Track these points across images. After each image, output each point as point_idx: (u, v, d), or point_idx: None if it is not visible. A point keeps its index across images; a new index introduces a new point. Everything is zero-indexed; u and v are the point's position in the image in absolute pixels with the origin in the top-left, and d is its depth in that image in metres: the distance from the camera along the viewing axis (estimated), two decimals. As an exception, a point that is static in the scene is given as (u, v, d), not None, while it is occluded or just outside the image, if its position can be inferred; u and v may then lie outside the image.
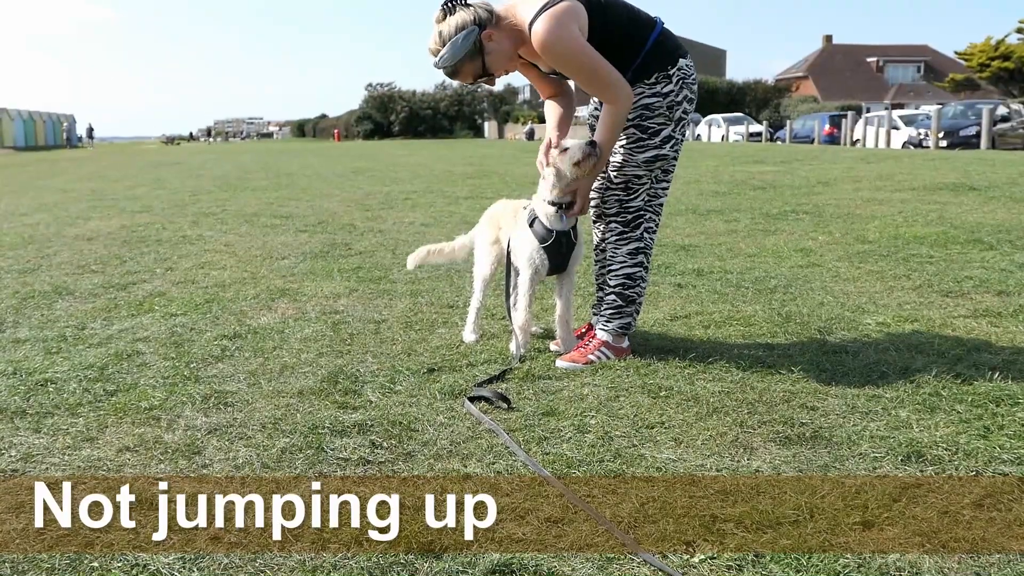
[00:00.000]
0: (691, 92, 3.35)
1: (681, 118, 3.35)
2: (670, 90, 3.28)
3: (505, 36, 3.25)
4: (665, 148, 3.33)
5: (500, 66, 3.31)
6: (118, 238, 7.28)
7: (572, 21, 3.12)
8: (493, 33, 3.22)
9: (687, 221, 7.77)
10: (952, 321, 3.93)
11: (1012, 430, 2.58)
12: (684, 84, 3.32)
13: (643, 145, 3.31)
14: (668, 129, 3.32)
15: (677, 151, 3.40)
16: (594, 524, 2.06)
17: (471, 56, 3.22)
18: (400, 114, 71.22)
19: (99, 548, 1.98)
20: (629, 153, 3.33)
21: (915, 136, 27.35)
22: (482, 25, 3.20)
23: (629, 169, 3.34)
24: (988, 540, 1.96)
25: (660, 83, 3.28)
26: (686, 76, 3.32)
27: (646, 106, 3.29)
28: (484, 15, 3.21)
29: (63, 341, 3.81)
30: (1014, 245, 5.94)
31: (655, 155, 3.33)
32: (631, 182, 3.36)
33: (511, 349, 3.50)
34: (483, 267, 3.73)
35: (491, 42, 3.23)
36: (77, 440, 2.64)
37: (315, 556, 1.94)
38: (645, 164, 3.33)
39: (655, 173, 3.38)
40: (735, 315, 4.08)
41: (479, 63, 3.26)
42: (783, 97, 57.30)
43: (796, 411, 2.79)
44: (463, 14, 3.20)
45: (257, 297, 4.70)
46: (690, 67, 3.36)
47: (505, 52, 3.27)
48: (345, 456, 2.49)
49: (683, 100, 3.32)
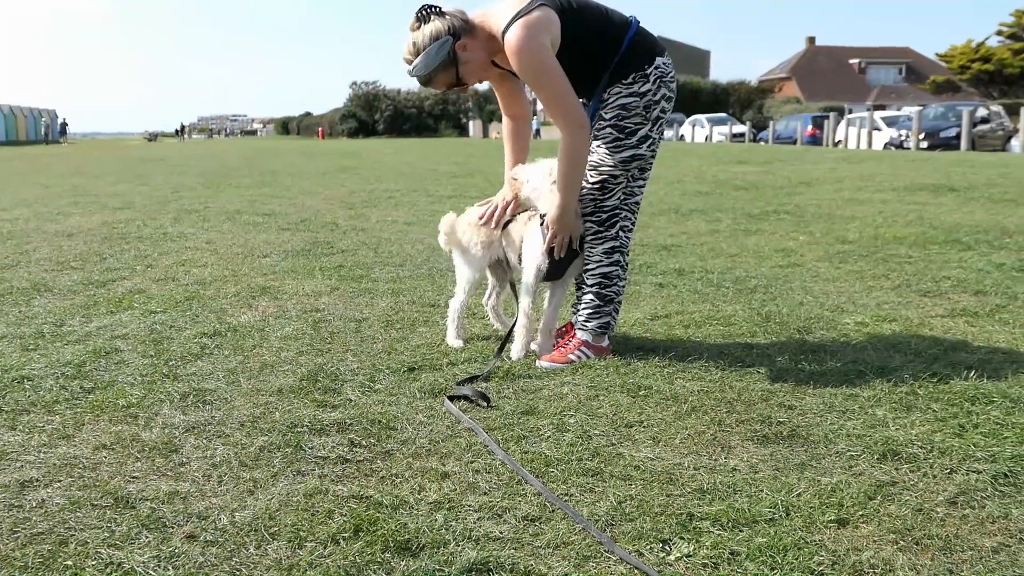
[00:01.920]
0: (669, 91, 3.34)
1: (659, 117, 3.34)
2: (647, 89, 3.28)
3: (479, 45, 3.25)
4: (642, 148, 3.33)
5: (474, 76, 3.34)
6: (98, 234, 7.23)
7: (544, 31, 3.12)
8: (468, 43, 3.23)
9: (669, 221, 7.80)
10: (930, 321, 3.96)
11: (986, 428, 2.61)
12: (662, 83, 3.31)
13: (620, 145, 3.31)
14: (645, 128, 3.32)
15: (654, 150, 3.40)
16: (571, 522, 2.06)
17: (445, 66, 3.23)
18: (385, 112, 71.07)
19: (73, 546, 1.96)
20: (606, 153, 3.33)
21: (896, 137, 27.56)
22: (456, 35, 3.20)
23: (605, 169, 3.33)
24: (961, 537, 1.97)
25: (637, 82, 3.27)
26: (663, 75, 3.31)
27: (623, 106, 3.29)
28: (459, 24, 3.21)
29: (40, 338, 3.78)
30: (991, 245, 6.00)
31: (632, 155, 3.32)
32: (607, 182, 3.35)
33: (512, 352, 3.47)
34: (472, 269, 3.65)
35: (465, 52, 3.23)
36: (53, 438, 2.62)
37: (291, 554, 1.93)
38: (622, 164, 3.33)
39: (631, 172, 3.37)
40: (715, 315, 4.10)
41: (453, 73, 3.26)
42: (766, 98, 57.59)
43: (774, 410, 2.81)
44: (437, 23, 3.19)
45: (238, 295, 4.68)
46: (668, 65, 3.34)
47: (479, 62, 3.28)
48: (324, 454, 2.49)
49: (661, 99, 3.32)
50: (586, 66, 3.26)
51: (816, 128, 34.60)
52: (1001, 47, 45.08)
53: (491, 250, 3.60)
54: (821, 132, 33.86)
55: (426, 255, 5.99)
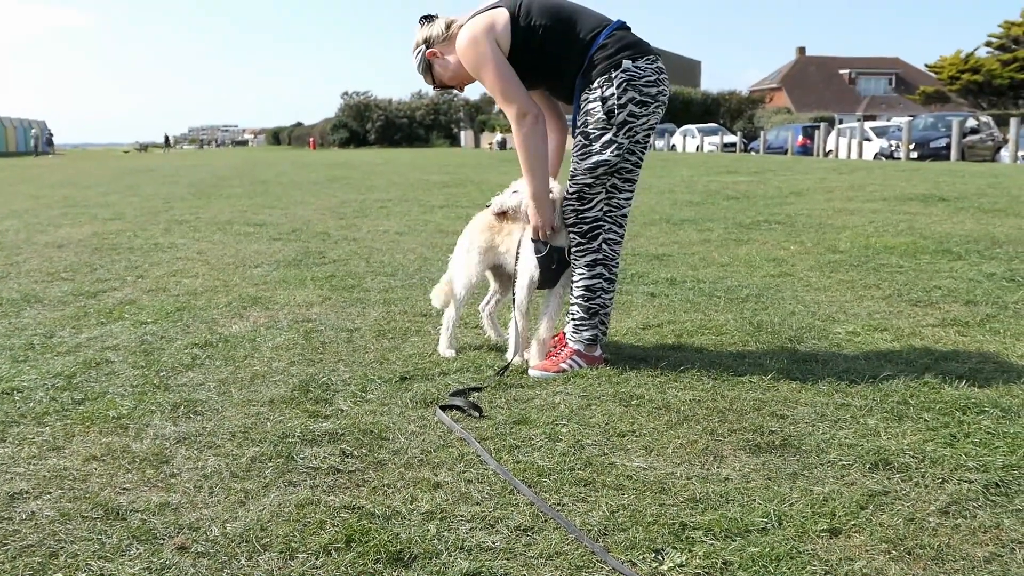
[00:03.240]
0: (640, 95, 3.23)
1: (627, 122, 3.24)
2: (611, 93, 3.21)
3: (451, 52, 3.42)
4: (606, 153, 3.26)
5: (449, 80, 3.50)
6: (89, 245, 7.21)
7: (487, 30, 3.25)
8: (439, 50, 3.43)
9: (661, 231, 7.81)
10: (921, 330, 3.98)
11: (978, 438, 2.61)
12: (629, 86, 3.21)
13: (586, 151, 3.30)
14: (609, 134, 3.25)
15: (622, 156, 3.29)
16: (564, 532, 2.06)
17: (424, 71, 3.50)
18: (376, 123, 71.11)
19: (63, 558, 1.95)
20: (576, 160, 3.34)
21: (886, 147, 27.70)
22: (429, 43, 3.43)
23: (579, 177, 3.33)
24: (953, 547, 1.97)
25: (601, 87, 3.23)
26: (633, 78, 3.21)
27: (588, 111, 3.27)
28: (435, 33, 3.43)
29: (30, 349, 3.76)
30: (982, 255, 6.02)
31: (596, 161, 3.28)
32: (582, 191, 3.33)
33: (510, 358, 3.48)
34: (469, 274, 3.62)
35: (436, 59, 3.45)
36: (43, 449, 2.61)
37: (283, 566, 1.92)
38: (588, 171, 3.30)
39: (607, 181, 3.33)
40: (707, 324, 4.10)
41: (430, 76, 3.51)
42: (757, 108, 57.78)
43: (766, 419, 2.81)
44: (422, 31, 3.45)
45: (229, 305, 4.67)
46: (642, 69, 3.23)
47: (451, 67, 3.45)
48: (315, 465, 2.48)
49: (628, 103, 3.22)
50: (555, 71, 3.30)
51: (807, 138, 34.77)
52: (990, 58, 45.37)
53: (489, 255, 3.60)
54: (811, 142, 34.02)
55: (418, 265, 5.99)
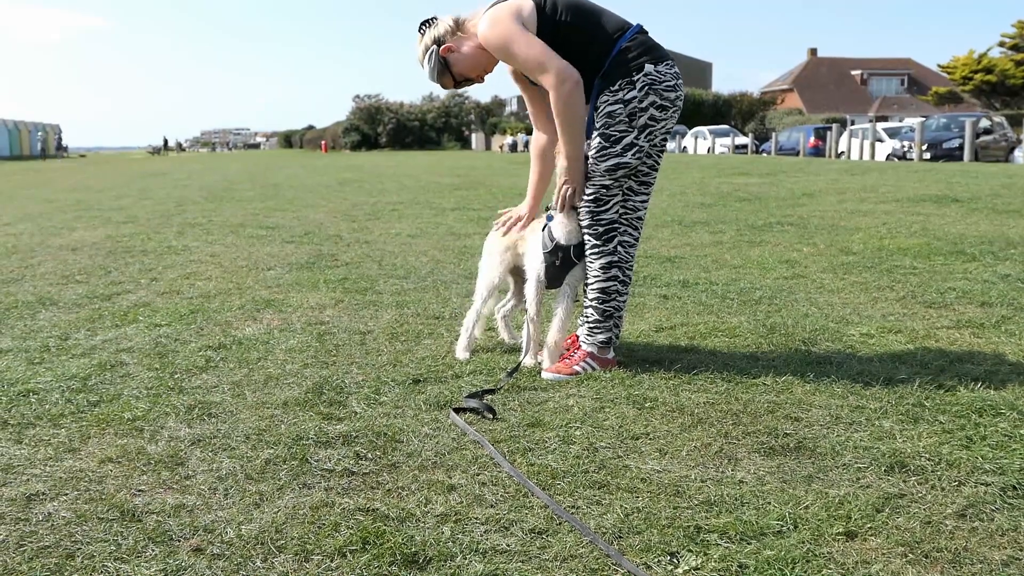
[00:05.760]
0: (661, 99, 3.26)
1: (647, 125, 3.28)
2: (633, 96, 3.24)
3: (467, 42, 3.40)
4: (627, 156, 3.29)
5: (470, 71, 3.46)
6: (103, 248, 7.24)
7: (515, 14, 3.24)
8: (452, 45, 3.40)
9: (673, 233, 7.80)
10: (935, 332, 3.96)
11: (994, 440, 2.60)
12: (651, 90, 3.24)
13: (606, 153, 3.30)
14: (630, 136, 3.27)
15: (642, 159, 3.34)
16: (578, 535, 2.05)
17: (441, 72, 3.43)
18: (387, 125, 71.18)
19: (80, 559, 1.96)
20: (594, 162, 3.33)
21: (899, 148, 27.57)
22: (440, 42, 3.40)
23: (597, 179, 3.33)
24: (970, 550, 1.96)
25: (623, 89, 3.24)
26: (654, 82, 3.25)
27: (609, 113, 3.27)
28: (443, 31, 3.40)
29: (46, 351, 3.78)
30: (996, 256, 5.99)
31: (616, 163, 3.29)
32: (599, 193, 3.34)
33: (521, 358, 3.49)
34: (491, 275, 3.65)
35: (451, 54, 3.41)
36: (59, 451, 2.62)
37: (298, 568, 1.92)
38: (607, 172, 3.31)
39: (624, 183, 3.36)
40: (720, 326, 4.09)
41: (449, 75, 3.45)
42: (768, 109, 57.63)
43: (780, 422, 2.80)
44: (429, 35, 3.42)
45: (242, 308, 4.68)
46: (663, 73, 3.27)
47: (470, 57, 3.41)
48: (329, 467, 2.48)
49: (649, 106, 3.25)
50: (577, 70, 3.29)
51: (819, 139, 34.62)
52: (1003, 58, 45.09)
53: (510, 256, 3.63)
54: (823, 144, 33.88)
55: (430, 267, 5.99)
